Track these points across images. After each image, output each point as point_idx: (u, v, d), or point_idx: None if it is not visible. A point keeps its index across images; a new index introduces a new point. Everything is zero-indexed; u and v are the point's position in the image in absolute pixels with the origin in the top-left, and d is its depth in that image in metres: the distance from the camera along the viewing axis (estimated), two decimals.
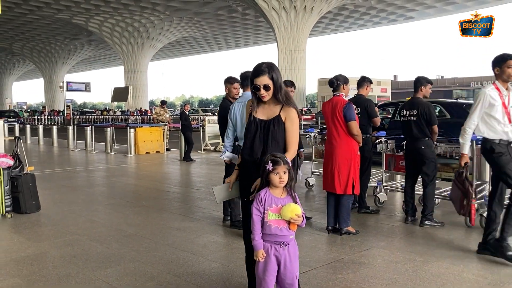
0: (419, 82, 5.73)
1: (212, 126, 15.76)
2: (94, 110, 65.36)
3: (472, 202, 4.75)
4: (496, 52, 4.59)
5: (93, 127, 16.70)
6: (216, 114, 30.75)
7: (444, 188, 6.39)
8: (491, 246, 4.39)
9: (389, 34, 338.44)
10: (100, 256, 4.50)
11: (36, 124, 36.50)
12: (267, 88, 3.08)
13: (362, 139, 5.37)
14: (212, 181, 9.21)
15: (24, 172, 6.55)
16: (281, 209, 2.81)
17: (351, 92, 6.35)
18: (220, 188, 3.36)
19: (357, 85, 6.40)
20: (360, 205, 6.28)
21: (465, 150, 4.49)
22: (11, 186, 6.21)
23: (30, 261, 4.38)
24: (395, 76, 67.57)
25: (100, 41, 60.10)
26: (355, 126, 5.12)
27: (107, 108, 66.08)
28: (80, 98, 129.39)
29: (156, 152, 15.15)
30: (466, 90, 58.27)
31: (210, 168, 11.43)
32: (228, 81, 5.75)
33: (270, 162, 2.83)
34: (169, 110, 19.03)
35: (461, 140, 4.49)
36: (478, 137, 6.35)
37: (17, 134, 20.10)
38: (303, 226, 2.89)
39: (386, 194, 6.87)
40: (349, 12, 48.52)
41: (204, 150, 15.70)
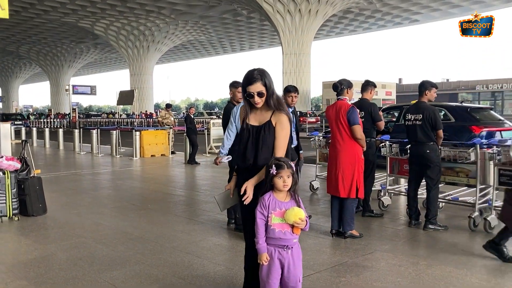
0: (424, 86, 5.74)
1: (217, 129, 15.81)
2: (100, 113, 65.66)
3: None
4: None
5: (98, 130, 16.79)
6: (221, 117, 30.73)
7: (448, 192, 6.39)
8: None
9: (394, 37, 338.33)
10: (105, 259, 4.55)
11: (42, 127, 36.68)
12: (261, 95, 3.06)
13: (366, 143, 5.40)
14: (217, 184, 9.24)
15: (31, 175, 6.62)
16: (284, 213, 2.84)
17: (356, 95, 6.37)
18: (222, 196, 3.36)
19: (361, 89, 6.42)
20: (364, 208, 6.29)
21: None
22: (18, 189, 6.28)
23: (37, 263, 4.44)
24: (400, 79, 67.23)
25: (105, 44, 60.41)
26: (358, 130, 5.14)
27: (113, 111, 66.35)
28: (86, 101, 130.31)
29: (161, 155, 15.21)
30: (471, 93, 58.00)
31: (214, 171, 11.46)
32: (233, 85, 5.79)
33: (274, 166, 2.86)
34: (172, 113, 19.07)
35: None
36: (483, 141, 6.40)
37: (23, 137, 20.28)
38: (307, 230, 2.92)
39: (390, 198, 6.88)
40: (354, 15, 48.52)
41: (209, 153, 15.74)
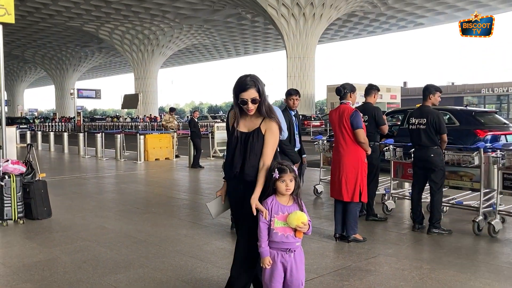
0: (428, 90, 5.73)
1: (221, 132, 15.83)
2: (105, 117, 65.87)
3: None
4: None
5: (103, 133, 16.88)
6: (225, 120, 30.80)
7: (452, 196, 6.38)
8: None
9: (398, 41, 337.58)
10: (110, 262, 4.57)
11: (47, 130, 36.85)
12: (255, 101, 2.99)
13: (369, 147, 5.40)
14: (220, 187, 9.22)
15: (36, 179, 6.67)
16: (287, 216, 2.85)
17: (361, 99, 6.35)
18: (213, 203, 3.31)
19: (364, 93, 6.43)
20: (368, 212, 6.29)
21: None
22: (23, 193, 6.32)
23: (42, 266, 4.47)
24: (405, 83, 67.07)
25: (110, 48, 60.64)
26: (362, 134, 5.15)
27: (117, 114, 66.57)
28: (90, 105, 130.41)
29: (166, 158, 15.25)
30: (477, 97, 57.76)
31: (218, 174, 11.47)
32: None
33: (276, 170, 2.88)
34: (175, 117, 19.13)
35: None
36: (487, 145, 6.39)
37: (28, 141, 20.38)
38: (309, 233, 2.93)
39: (394, 202, 6.87)
40: (358, 19, 48.49)
41: (213, 156, 15.77)
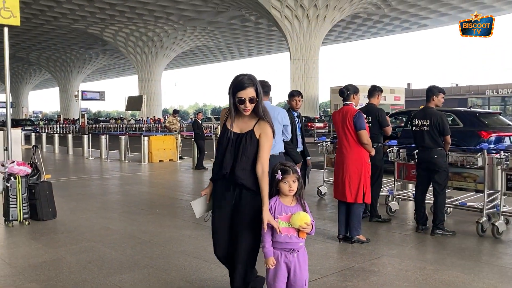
0: (431, 92, 5.73)
1: None
2: (109, 119, 66.06)
3: None
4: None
5: (107, 135, 16.93)
6: None
7: (456, 197, 6.38)
8: None
9: (402, 42, 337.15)
10: (114, 263, 4.60)
11: (51, 132, 36.99)
12: (252, 101, 2.97)
13: (373, 148, 5.41)
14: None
15: (41, 180, 6.71)
16: (290, 217, 2.87)
17: (364, 100, 6.36)
18: (197, 202, 3.25)
19: (367, 94, 6.44)
20: (372, 213, 6.29)
21: None
22: (28, 194, 6.36)
23: (47, 266, 4.50)
24: (409, 84, 66.92)
25: (114, 50, 60.86)
26: (365, 135, 5.16)
27: (121, 116, 66.77)
28: (94, 107, 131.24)
29: (170, 160, 15.29)
30: (481, 98, 57.56)
31: None
32: None
33: (279, 171, 2.90)
34: (178, 119, 19.15)
35: None
36: (491, 146, 6.39)
37: (33, 143, 20.48)
38: (313, 234, 2.95)
39: (398, 203, 6.88)
40: (362, 21, 48.44)
41: None
